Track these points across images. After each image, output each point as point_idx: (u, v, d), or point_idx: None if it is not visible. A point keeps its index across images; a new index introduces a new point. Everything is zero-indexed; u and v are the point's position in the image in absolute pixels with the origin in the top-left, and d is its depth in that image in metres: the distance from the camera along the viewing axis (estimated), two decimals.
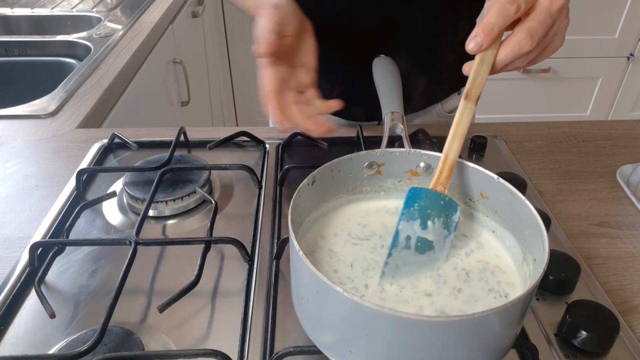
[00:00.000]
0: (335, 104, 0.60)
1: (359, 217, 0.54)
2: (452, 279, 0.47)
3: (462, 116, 0.50)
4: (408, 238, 0.47)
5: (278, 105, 0.57)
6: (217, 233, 0.60)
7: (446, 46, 0.84)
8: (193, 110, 1.78)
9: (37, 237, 0.62)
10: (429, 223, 0.48)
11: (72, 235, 0.62)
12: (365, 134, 0.78)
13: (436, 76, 0.87)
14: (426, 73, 0.84)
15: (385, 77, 0.63)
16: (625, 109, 2.45)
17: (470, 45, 0.48)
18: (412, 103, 0.89)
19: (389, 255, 0.46)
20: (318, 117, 0.58)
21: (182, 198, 0.67)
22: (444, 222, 0.48)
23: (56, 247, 0.59)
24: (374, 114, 0.89)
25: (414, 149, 0.54)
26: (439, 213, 0.48)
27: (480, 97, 0.50)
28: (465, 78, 0.99)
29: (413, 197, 0.48)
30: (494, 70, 0.50)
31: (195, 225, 0.66)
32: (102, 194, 0.67)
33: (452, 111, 0.94)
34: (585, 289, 0.55)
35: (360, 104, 0.71)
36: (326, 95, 0.88)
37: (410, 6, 0.77)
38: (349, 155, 0.52)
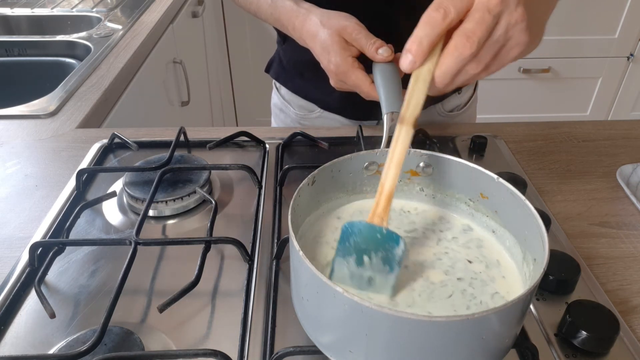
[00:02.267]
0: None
1: (359, 217, 0.54)
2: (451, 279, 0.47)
3: (397, 142, 0.46)
4: (345, 273, 0.44)
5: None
6: (217, 233, 0.60)
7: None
8: (193, 110, 1.78)
9: (37, 237, 0.62)
10: (365, 259, 0.44)
11: (72, 235, 0.62)
12: (365, 134, 0.78)
13: None
14: None
15: (385, 77, 0.63)
16: (625, 109, 2.45)
17: (404, 63, 0.45)
18: None
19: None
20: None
21: (182, 198, 0.67)
22: (383, 258, 0.44)
23: (56, 247, 0.59)
24: (372, 114, 0.89)
25: (414, 149, 0.54)
26: (376, 248, 0.44)
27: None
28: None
29: (347, 231, 0.44)
30: (440, 86, 0.47)
31: (195, 225, 0.66)
32: (102, 194, 0.67)
33: (453, 110, 0.94)
34: (585, 289, 0.55)
35: (358, 104, 0.71)
36: (326, 95, 0.89)
37: (411, 6, 0.77)
38: (349, 155, 0.52)
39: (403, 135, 0.46)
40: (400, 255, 0.44)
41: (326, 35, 0.65)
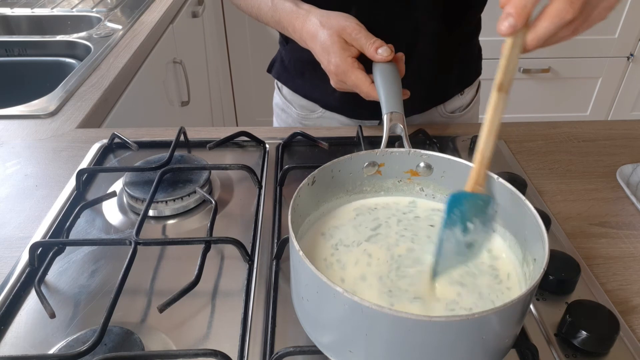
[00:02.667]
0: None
1: (360, 217, 0.54)
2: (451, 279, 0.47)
3: (496, 110, 0.46)
4: (450, 243, 0.46)
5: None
6: (217, 233, 0.60)
7: (448, 47, 0.84)
8: (193, 110, 1.78)
9: (37, 237, 0.62)
10: (470, 225, 0.46)
11: (72, 235, 0.62)
12: (365, 134, 0.78)
13: (439, 79, 0.87)
14: (429, 74, 0.84)
15: (385, 77, 0.63)
16: (625, 109, 2.45)
17: (503, 27, 0.43)
18: (415, 106, 0.90)
19: (436, 263, 0.46)
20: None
21: (182, 198, 0.67)
22: (482, 220, 0.46)
23: (56, 247, 0.59)
24: (374, 113, 0.89)
25: (414, 149, 0.54)
26: (477, 213, 0.46)
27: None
28: (470, 78, 0.98)
29: (453, 202, 0.46)
30: (531, 49, 0.45)
31: (195, 225, 0.66)
32: (102, 194, 0.67)
33: (454, 111, 0.94)
34: (585, 289, 0.55)
35: (360, 104, 0.71)
36: (327, 94, 0.89)
37: (413, 8, 0.77)
38: (349, 155, 0.52)
39: (502, 103, 0.46)
40: (492, 215, 0.48)
41: (326, 36, 0.65)
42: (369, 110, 0.86)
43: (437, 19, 0.79)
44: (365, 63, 0.66)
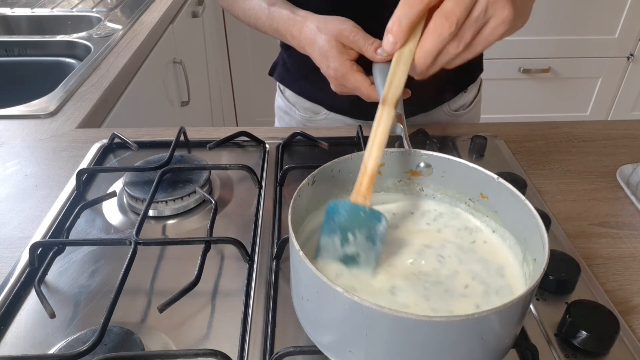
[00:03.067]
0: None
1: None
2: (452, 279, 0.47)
3: (379, 123, 0.47)
4: (330, 251, 0.45)
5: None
6: (217, 233, 0.60)
7: None
8: (193, 110, 1.78)
9: (37, 237, 0.62)
10: (350, 236, 0.45)
11: (72, 235, 0.62)
12: (365, 134, 0.78)
13: (442, 77, 0.87)
14: (437, 75, 0.83)
15: (384, 76, 0.63)
16: (625, 109, 2.45)
17: (386, 45, 0.46)
18: (422, 106, 0.90)
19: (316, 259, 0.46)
20: None
21: (182, 198, 0.67)
22: (367, 235, 0.46)
23: (56, 247, 0.59)
24: (374, 113, 0.89)
25: (414, 149, 0.54)
26: (360, 226, 0.46)
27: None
28: (473, 75, 0.99)
29: (332, 211, 0.46)
30: (421, 67, 0.47)
31: (195, 225, 0.66)
32: (102, 194, 0.67)
33: (458, 109, 0.94)
34: (585, 289, 0.55)
35: (366, 104, 0.71)
36: (332, 96, 0.88)
37: None
38: (349, 155, 0.52)
39: (385, 116, 0.47)
40: (382, 232, 0.46)
41: (323, 41, 0.65)
42: (365, 111, 0.86)
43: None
44: (365, 65, 0.66)
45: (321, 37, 0.65)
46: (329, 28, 0.65)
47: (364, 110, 0.88)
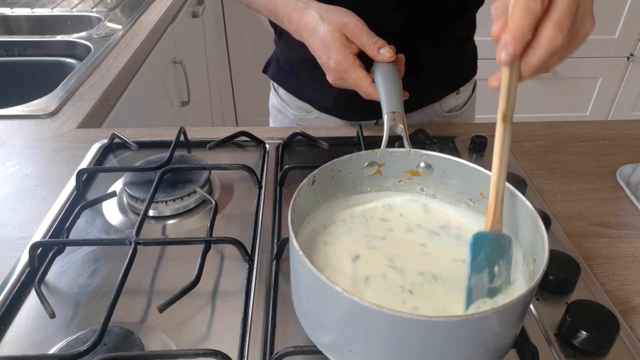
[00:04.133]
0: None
1: (360, 218, 0.54)
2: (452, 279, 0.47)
3: (503, 142, 0.44)
4: (480, 290, 0.43)
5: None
6: (217, 233, 0.60)
7: (444, 46, 0.84)
8: (193, 110, 1.78)
9: (37, 237, 0.62)
10: (496, 269, 0.43)
11: (72, 235, 0.62)
12: (365, 134, 0.78)
13: (434, 75, 0.87)
14: (424, 72, 0.84)
15: (385, 77, 0.63)
16: (625, 109, 2.45)
17: (502, 55, 0.42)
18: (409, 102, 0.89)
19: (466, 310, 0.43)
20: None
21: (182, 198, 0.67)
22: (506, 262, 0.44)
23: (56, 247, 0.59)
24: (369, 115, 0.89)
25: (414, 149, 0.54)
26: (502, 254, 0.44)
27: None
28: (465, 76, 0.98)
29: (478, 244, 0.43)
30: (525, 78, 0.45)
31: (195, 225, 0.66)
32: (102, 194, 0.67)
33: (451, 110, 0.94)
34: (585, 289, 0.55)
35: (355, 105, 0.71)
36: (322, 96, 0.88)
37: (408, 7, 0.77)
38: (349, 155, 0.52)
39: (507, 133, 0.44)
40: (512, 255, 0.45)
41: (326, 31, 0.64)
42: (364, 112, 0.86)
43: (433, 17, 0.79)
44: (365, 61, 0.65)
45: (324, 26, 0.64)
46: (332, 18, 0.64)
47: (353, 111, 0.88)
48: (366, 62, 0.65)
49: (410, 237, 0.51)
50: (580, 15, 0.44)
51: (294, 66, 0.89)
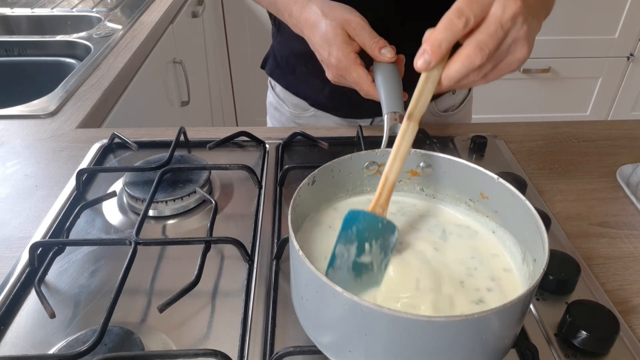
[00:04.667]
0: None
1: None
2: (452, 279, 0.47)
3: (403, 137, 0.48)
4: (345, 261, 0.45)
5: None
6: (217, 233, 0.60)
7: None
8: (193, 110, 1.78)
9: (37, 237, 0.62)
10: (366, 246, 0.46)
11: (72, 235, 0.62)
12: (365, 134, 0.78)
13: None
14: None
15: (386, 77, 0.63)
16: (625, 109, 2.45)
17: (419, 63, 0.47)
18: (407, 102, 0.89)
19: (326, 274, 0.45)
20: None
21: (182, 198, 0.67)
22: (381, 245, 0.46)
23: (56, 247, 0.59)
24: (364, 113, 0.88)
25: (414, 149, 0.54)
26: (377, 236, 0.46)
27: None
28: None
29: (351, 219, 0.46)
30: (444, 87, 0.49)
31: (195, 225, 0.66)
32: (102, 194, 0.67)
33: (447, 110, 0.94)
34: (585, 289, 0.55)
35: (349, 103, 0.71)
36: (317, 92, 0.88)
37: (407, 7, 0.77)
38: (349, 155, 0.52)
39: (410, 131, 0.48)
40: (394, 243, 0.47)
41: (328, 27, 0.63)
42: (359, 109, 0.85)
43: (431, 17, 0.79)
44: (365, 59, 0.65)
45: (326, 22, 0.64)
46: (335, 14, 0.64)
47: (348, 108, 0.88)
48: (366, 61, 0.65)
49: (410, 236, 0.51)
50: (509, 41, 0.48)
51: (290, 61, 0.89)
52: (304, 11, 0.66)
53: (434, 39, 0.46)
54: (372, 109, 0.63)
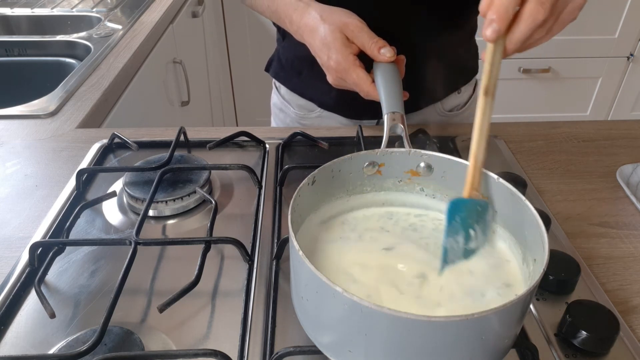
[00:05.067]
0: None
1: (362, 220, 0.54)
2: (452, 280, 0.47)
3: (484, 114, 0.48)
4: (456, 252, 0.46)
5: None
6: (217, 233, 0.60)
7: (445, 45, 0.84)
8: (193, 110, 1.78)
9: (37, 237, 0.62)
10: (471, 232, 0.46)
11: (72, 235, 0.62)
12: (365, 134, 0.78)
13: (436, 75, 0.87)
14: (425, 72, 0.84)
15: (386, 77, 0.63)
16: (625, 109, 2.45)
17: (488, 32, 0.45)
18: (411, 102, 0.90)
19: (441, 271, 0.46)
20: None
21: (182, 198, 0.67)
22: (482, 228, 0.47)
23: (56, 247, 0.59)
24: (371, 113, 0.89)
25: (414, 149, 0.54)
26: (478, 219, 0.47)
27: (495, 89, 0.48)
28: (466, 76, 0.98)
29: (454, 209, 0.46)
30: (510, 53, 0.48)
31: (195, 225, 0.66)
32: (102, 194, 0.67)
33: (452, 110, 0.94)
34: (585, 289, 0.55)
35: (357, 103, 0.71)
36: (324, 93, 0.88)
37: (409, 7, 0.77)
38: (349, 155, 0.52)
39: (488, 107, 0.47)
40: (490, 221, 0.48)
41: (327, 31, 0.64)
42: (366, 110, 0.86)
43: (434, 17, 0.79)
44: (365, 61, 0.65)
45: (324, 26, 0.64)
46: (333, 18, 0.65)
47: (355, 109, 0.89)
48: (366, 63, 0.65)
49: (410, 237, 0.51)
50: None
51: (296, 64, 0.89)
52: (304, 17, 0.67)
53: (499, 5, 0.45)
54: (379, 109, 0.63)
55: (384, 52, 0.63)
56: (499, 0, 0.45)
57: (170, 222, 0.67)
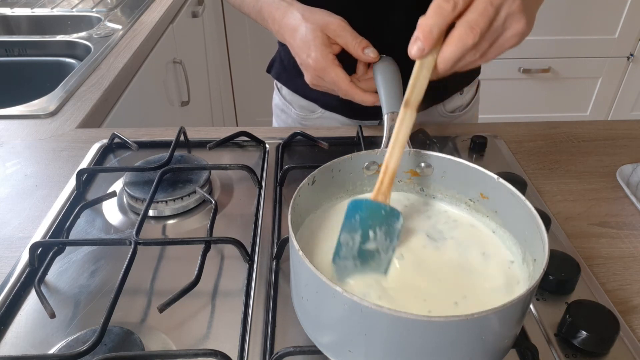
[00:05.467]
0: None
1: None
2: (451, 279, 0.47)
3: (402, 124, 0.49)
4: (350, 249, 0.46)
5: (358, 89, 0.64)
6: (217, 233, 0.60)
7: None
8: (193, 110, 1.78)
9: (37, 237, 0.62)
10: (370, 233, 0.47)
11: (72, 235, 0.62)
12: (365, 134, 0.78)
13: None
14: None
15: (385, 76, 0.63)
16: (625, 109, 2.45)
17: (412, 50, 0.47)
18: None
19: (334, 263, 0.46)
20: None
21: (182, 198, 0.67)
22: (386, 232, 0.47)
23: (56, 247, 0.59)
24: (373, 113, 0.88)
25: (414, 149, 0.54)
26: (381, 223, 0.47)
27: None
28: (469, 77, 0.99)
29: (354, 208, 0.47)
30: (441, 72, 0.49)
31: (195, 225, 0.66)
32: (102, 194, 0.67)
33: (454, 111, 0.94)
34: (585, 289, 0.55)
35: (352, 102, 0.71)
36: (326, 94, 0.88)
37: (411, 8, 0.77)
38: (349, 155, 0.52)
39: (407, 118, 0.49)
40: (399, 229, 0.48)
41: (307, 30, 0.64)
42: (368, 110, 0.86)
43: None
44: (343, 63, 0.65)
45: (306, 25, 0.64)
46: (315, 18, 0.65)
47: (357, 109, 0.88)
48: (346, 64, 0.65)
49: (410, 236, 0.51)
50: (502, 16, 0.48)
51: (297, 65, 0.89)
52: (286, 16, 0.67)
53: (424, 24, 0.46)
54: (380, 110, 0.63)
55: (367, 52, 0.63)
56: (424, 20, 0.46)
57: (170, 222, 0.67)
